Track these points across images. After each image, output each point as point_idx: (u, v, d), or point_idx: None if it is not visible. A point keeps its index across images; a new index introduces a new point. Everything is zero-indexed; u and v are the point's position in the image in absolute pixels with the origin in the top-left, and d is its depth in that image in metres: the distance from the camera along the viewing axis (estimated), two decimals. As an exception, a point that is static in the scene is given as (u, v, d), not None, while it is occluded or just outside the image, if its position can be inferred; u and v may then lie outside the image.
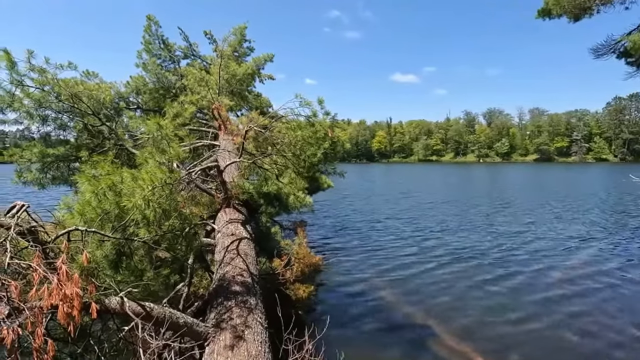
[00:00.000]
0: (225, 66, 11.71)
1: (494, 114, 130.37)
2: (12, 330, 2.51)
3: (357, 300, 8.74)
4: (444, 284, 9.97)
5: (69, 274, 2.80)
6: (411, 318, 7.83)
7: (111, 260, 3.66)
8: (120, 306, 3.29)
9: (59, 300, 2.71)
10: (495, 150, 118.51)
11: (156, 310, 3.46)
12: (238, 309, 4.07)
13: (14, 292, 2.70)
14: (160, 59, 11.90)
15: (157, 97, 11.35)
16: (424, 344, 6.73)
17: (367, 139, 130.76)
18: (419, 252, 13.00)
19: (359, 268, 11.22)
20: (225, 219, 6.29)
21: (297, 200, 7.21)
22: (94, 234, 3.57)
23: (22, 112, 5.78)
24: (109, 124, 6.94)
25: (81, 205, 3.61)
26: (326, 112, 5.74)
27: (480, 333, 7.23)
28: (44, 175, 7.06)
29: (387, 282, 9.96)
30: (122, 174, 3.45)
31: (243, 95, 13.07)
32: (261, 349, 3.68)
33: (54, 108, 6.10)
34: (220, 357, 3.44)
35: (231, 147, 8.32)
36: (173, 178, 3.73)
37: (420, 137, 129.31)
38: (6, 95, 5.58)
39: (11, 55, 5.14)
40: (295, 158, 5.89)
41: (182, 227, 4.28)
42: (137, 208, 3.28)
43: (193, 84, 10.74)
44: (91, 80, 7.67)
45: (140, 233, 3.53)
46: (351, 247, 13.78)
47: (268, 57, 14.28)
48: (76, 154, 6.88)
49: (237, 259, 5.15)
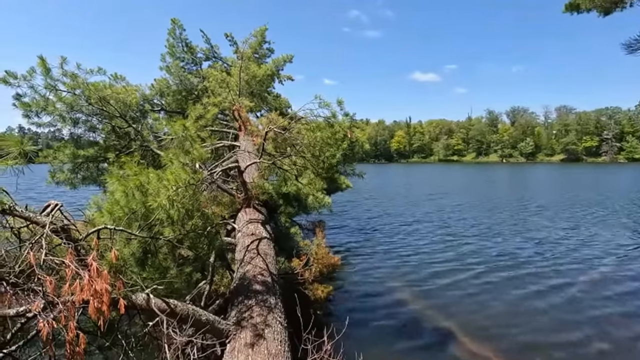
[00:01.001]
0: (245, 68, 11.88)
1: (518, 112, 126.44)
2: (47, 323, 2.65)
3: (378, 304, 8.57)
4: (478, 293, 9.12)
5: (99, 270, 2.92)
6: (436, 325, 7.48)
7: (138, 257, 3.80)
8: (146, 302, 3.41)
9: (90, 295, 2.83)
10: (520, 150, 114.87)
11: (180, 307, 3.56)
12: (258, 307, 4.13)
13: (49, 287, 2.84)
14: (183, 62, 12.22)
15: (180, 99, 11.65)
16: (449, 353, 6.55)
17: (386, 139, 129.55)
18: (452, 259, 12.00)
19: (380, 271, 10.91)
20: (245, 218, 6.40)
21: (316, 201, 7.26)
22: (121, 233, 3.72)
23: (56, 115, 6.08)
24: (135, 126, 7.20)
25: (110, 205, 3.76)
26: (345, 113, 5.74)
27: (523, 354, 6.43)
28: (75, 175, 7.40)
29: (411, 288, 9.59)
30: (148, 174, 3.57)
31: (263, 96, 13.23)
32: (281, 347, 3.72)
33: (85, 111, 6.39)
34: (241, 354, 3.50)
35: (251, 148, 8.44)
36: (196, 179, 3.83)
37: (440, 137, 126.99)
38: (41, 100, 5.89)
39: (46, 61, 5.42)
40: (314, 159, 5.92)
41: (204, 226, 4.38)
42: (162, 208, 3.40)
43: (214, 86, 10.96)
44: (118, 84, 7.97)
45: (165, 232, 3.64)
46: (372, 249, 13.44)
47: (287, 58, 14.39)
48: (104, 155, 7.18)
49: (257, 259, 5.23)
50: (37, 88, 5.73)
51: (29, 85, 5.70)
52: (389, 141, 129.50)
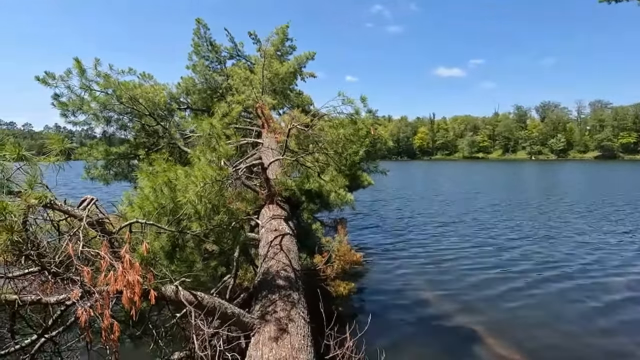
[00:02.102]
0: (268, 65, 12.01)
1: (548, 107, 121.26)
2: (85, 310, 2.80)
3: (402, 303, 8.36)
4: (515, 300, 8.32)
5: (131, 262, 3.06)
6: (463, 328, 7.16)
7: (167, 251, 3.94)
8: (175, 294, 3.53)
9: (123, 286, 2.96)
10: (550, 147, 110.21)
11: (206, 299, 3.67)
12: (282, 302, 4.19)
13: (86, 276, 2.99)
14: (208, 61, 12.49)
15: (205, 97, 11.93)
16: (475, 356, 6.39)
17: (409, 136, 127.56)
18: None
19: (407, 271, 10.54)
20: (268, 214, 6.50)
21: (338, 198, 7.26)
22: (151, 227, 3.86)
23: (90, 114, 6.40)
24: (163, 124, 7.45)
25: (140, 200, 3.92)
26: (369, 109, 5.71)
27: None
28: (107, 171, 7.76)
29: (438, 289, 9.15)
30: (176, 170, 3.69)
31: (285, 94, 13.33)
32: (304, 342, 3.76)
33: (116, 110, 6.68)
34: (265, 347, 3.57)
35: (274, 145, 8.55)
36: (222, 175, 3.92)
37: (465, 134, 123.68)
38: (77, 99, 6.21)
39: (81, 63, 5.70)
40: (337, 156, 5.92)
41: (229, 221, 4.49)
42: (190, 203, 3.50)
43: (238, 84, 11.14)
44: (147, 83, 8.26)
45: (193, 226, 3.76)
46: (400, 249, 12.96)
47: (310, 55, 14.41)
48: (135, 152, 7.47)
49: (280, 254, 5.30)
50: (73, 88, 6.06)
51: (66, 85, 6.04)
52: (412, 138, 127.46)
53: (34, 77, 5.80)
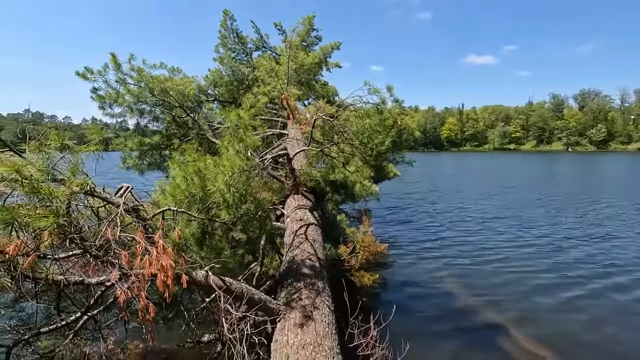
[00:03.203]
0: (293, 56, 12.01)
1: (588, 95, 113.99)
2: (123, 291, 2.97)
3: (427, 296, 8.25)
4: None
5: (164, 247, 3.20)
6: (492, 324, 7.01)
7: (197, 238, 4.09)
8: (205, 279, 3.67)
9: (157, 269, 3.11)
10: (589, 138, 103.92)
11: (235, 285, 3.79)
12: (307, 290, 4.26)
13: (124, 260, 3.17)
14: (234, 52, 12.65)
15: (232, 89, 12.14)
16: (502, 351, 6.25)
17: (436, 127, 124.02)
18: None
19: (434, 265, 10.23)
20: (294, 204, 6.58)
21: (363, 189, 7.23)
22: (183, 214, 4.02)
23: (125, 106, 6.70)
24: (192, 115, 7.68)
25: (172, 188, 4.08)
26: (395, 99, 5.60)
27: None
28: (141, 161, 8.13)
29: (467, 285, 8.88)
30: (205, 160, 3.80)
31: (310, 85, 13.31)
32: (328, 330, 3.82)
33: (149, 102, 6.96)
34: (291, 333, 3.66)
35: (299, 136, 8.59)
36: (249, 165, 4.00)
37: (496, 124, 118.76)
38: (113, 93, 6.51)
39: (117, 57, 5.96)
40: (362, 146, 5.88)
41: (256, 210, 4.59)
42: (219, 191, 3.61)
43: (264, 75, 11.24)
44: (176, 76, 8.50)
45: (221, 214, 3.87)
46: (425, 242, 12.64)
47: (335, 45, 14.27)
48: (166, 142, 7.77)
49: (305, 244, 5.37)
50: (109, 82, 6.36)
51: (103, 79, 6.36)
52: (440, 129, 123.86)
53: (74, 73, 6.19)
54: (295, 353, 3.45)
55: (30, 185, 2.31)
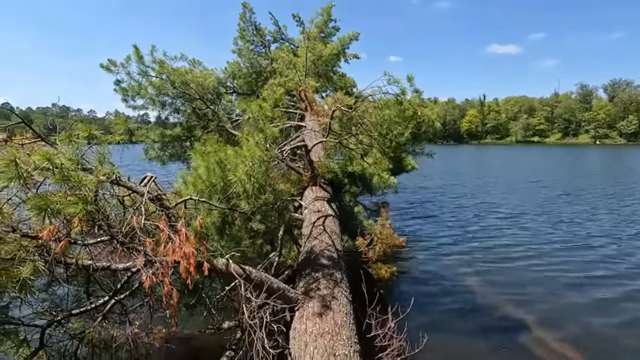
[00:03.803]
0: (311, 48, 11.94)
1: (618, 86, 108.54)
2: (148, 277, 3.08)
3: (446, 290, 8.09)
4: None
5: (187, 235, 3.28)
6: (512, 319, 6.88)
7: (217, 227, 4.18)
8: (225, 267, 3.75)
9: (180, 257, 3.20)
10: (618, 130, 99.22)
11: (254, 273, 3.86)
12: (325, 280, 4.30)
13: (149, 246, 3.27)
14: (253, 45, 12.69)
15: (250, 82, 12.21)
16: (521, 346, 6.14)
17: (456, 119, 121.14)
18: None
19: (453, 259, 10.07)
20: (311, 196, 6.60)
21: (381, 181, 7.18)
22: (204, 203, 4.10)
23: (147, 98, 6.86)
24: (212, 107, 7.79)
25: (194, 178, 4.17)
26: (415, 89, 5.50)
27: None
28: (163, 152, 8.34)
29: (488, 280, 8.70)
30: (226, 151, 3.86)
31: (328, 76, 13.23)
32: (346, 320, 3.85)
33: (170, 94, 7.10)
34: (309, 322, 3.70)
35: (317, 128, 8.58)
36: (268, 155, 4.03)
37: (519, 116, 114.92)
38: (135, 85, 6.68)
39: (139, 50, 6.10)
40: (381, 138, 5.82)
41: (274, 201, 4.64)
42: (240, 182, 3.66)
43: (282, 67, 11.24)
44: (196, 68, 8.62)
45: (241, 204, 3.93)
46: (445, 236, 12.38)
47: (353, 35, 14.10)
48: (187, 134, 7.93)
49: (323, 235, 5.39)
50: (132, 74, 6.53)
51: (126, 72, 6.53)
52: (460, 121, 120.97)
53: (98, 65, 6.40)
54: (313, 341, 3.49)
55: (61, 173, 2.41)
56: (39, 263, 2.69)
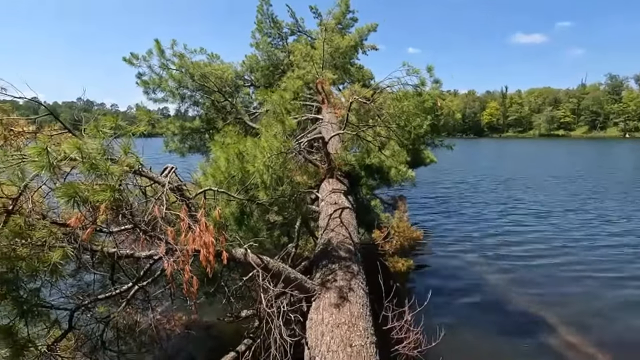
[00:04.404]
0: (329, 40, 11.84)
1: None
2: (170, 264, 3.16)
3: (465, 285, 7.96)
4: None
5: (207, 225, 3.35)
6: (529, 314, 6.80)
7: (236, 217, 4.24)
8: (244, 257, 3.81)
9: (200, 245, 3.27)
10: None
11: (272, 263, 3.91)
12: (342, 272, 4.31)
13: (170, 235, 3.36)
14: (270, 37, 12.70)
15: (267, 74, 12.25)
16: (541, 341, 6.01)
17: (476, 112, 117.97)
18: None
19: (473, 255, 9.83)
20: (328, 188, 6.60)
21: (398, 174, 7.11)
22: (223, 194, 4.17)
23: (167, 91, 7.00)
24: (231, 100, 7.87)
25: (213, 170, 4.24)
26: (435, 80, 5.38)
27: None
28: (183, 144, 8.52)
29: (508, 275, 8.53)
30: (245, 142, 3.89)
31: (345, 68, 13.12)
32: (363, 311, 3.86)
33: (190, 87, 7.22)
34: (326, 312, 3.73)
35: (334, 120, 8.54)
36: (286, 147, 4.05)
37: (543, 108, 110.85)
38: (156, 78, 6.82)
39: (160, 44, 6.21)
40: (399, 129, 5.74)
41: (292, 192, 4.66)
42: (258, 172, 3.69)
43: (299, 60, 11.21)
44: (215, 62, 8.71)
45: (260, 195, 3.98)
46: (465, 230, 12.12)
47: (372, 27, 13.90)
48: (206, 126, 8.06)
49: (339, 227, 5.39)
50: (153, 67, 6.69)
51: (147, 65, 6.70)
52: (480, 114, 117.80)
53: (121, 58, 6.58)
54: (330, 331, 3.52)
55: (89, 162, 2.50)
56: (67, 249, 2.80)
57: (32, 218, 2.85)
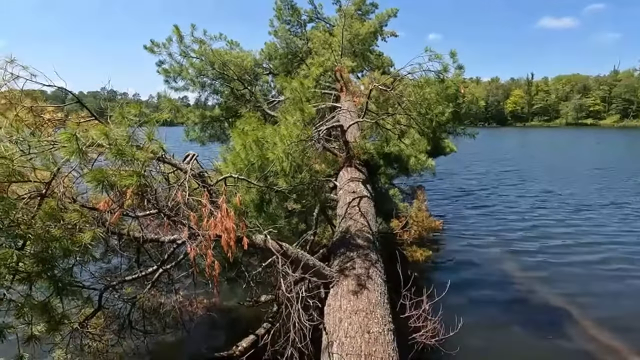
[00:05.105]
0: (348, 26, 11.65)
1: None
2: (193, 248, 3.25)
3: (484, 279, 7.69)
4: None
5: (227, 211, 3.41)
6: (552, 307, 6.57)
7: (256, 204, 4.29)
8: (263, 243, 3.88)
9: (221, 231, 3.33)
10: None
11: (291, 250, 3.96)
12: (360, 260, 4.33)
13: (192, 220, 3.45)
14: (289, 25, 12.59)
15: (286, 62, 12.19)
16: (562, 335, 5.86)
17: (500, 100, 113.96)
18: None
19: (495, 248, 9.55)
20: (347, 177, 6.59)
21: (418, 163, 7.00)
22: (243, 181, 4.23)
23: (188, 79, 7.09)
24: (250, 88, 7.90)
25: (233, 157, 4.29)
26: (459, 65, 5.22)
27: None
28: (203, 133, 8.65)
29: (530, 270, 8.23)
30: (265, 129, 3.91)
31: (365, 55, 12.91)
32: (380, 299, 3.87)
33: (209, 75, 7.28)
34: (344, 299, 3.77)
35: (353, 109, 8.45)
36: (305, 135, 4.04)
37: (571, 96, 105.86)
38: (177, 66, 6.91)
39: (180, 30, 6.27)
40: (420, 117, 5.62)
41: (310, 180, 4.68)
42: (278, 160, 3.72)
43: (318, 47, 11.10)
44: (234, 50, 8.73)
45: (279, 182, 4.01)
46: (487, 223, 11.67)
47: (392, 12, 13.57)
48: (226, 115, 8.14)
49: (358, 215, 5.39)
50: (173, 55, 6.77)
51: (167, 52, 6.79)
52: (503, 102, 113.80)
53: (142, 47, 6.70)
54: (348, 317, 3.56)
55: (116, 147, 2.57)
56: (97, 231, 2.92)
57: (63, 201, 2.97)
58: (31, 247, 2.77)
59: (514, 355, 5.50)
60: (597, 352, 5.48)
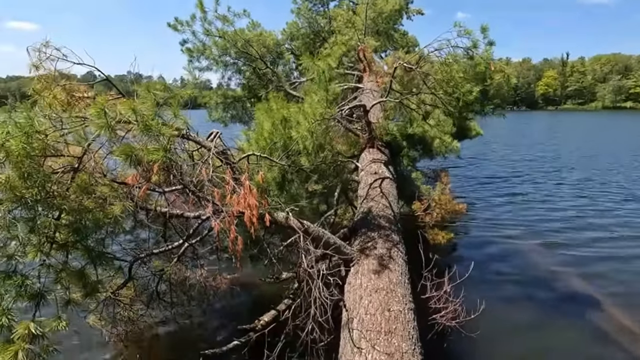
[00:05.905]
0: (372, 4, 11.28)
1: None
2: (217, 224, 3.33)
3: (509, 263, 7.54)
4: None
5: (250, 188, 3.45)
6: (578, 292, 6.40)
7: (278, 182, 4.33)
8: (285, 220, 3.92)
9: (244, 207, 3.38)
10: None
11: (312, 228, 3.99)
12: (381, 240, 4.31)
13: (216, 196, 3.51)
14: (311, 3, 12.32)
15: (308, 42, 12.00)
16: (586, 320, 5.70)
17: (530, 82, 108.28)
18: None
19: (520, 231, 9.26)
20: (368, 158, 6.51)
21: (442, 145, 6.82)
22: (265, 160, 4.26)
23: (211, 59, 7.12)
24: (272, 67, 7.86)
25: (256, 136, 4.31)
26: (489, 41, 4.95)
27: None
28: (226, 114, 8.74)
29: (558, 254, 7.97)
30: (289, 108, 3.89)
31: (389, 34, 12.51)
32: (402, 279, 3.87)
33: (233, 55, 7.28)
34: (364, 277, 3.78)
35: (376, 89, 8.27)
36: (329, 114, 3.99)
37: (610, 77, 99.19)
38: (200, 45, 6.94)
39: (203, 4, 6.26)
40: (446, 96, 5.42)
41: (333, 159, 4.65)
42: (301, 139, 3.70)
43: (341, 26, 10.84)
44: (256, 30, 8.66)
45: (302, 160, 4.01)
46: (520, 212, 11.09)
47: (419, -13, 12.97)
48: (248, 95, 8.17)
49: (379, 196, 5.34)
50: (197, 34, 6.80)
51: (191, 30, 6.82)
52: (534, 84, 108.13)
53: (166, 24, 6.77)
54: (368, 295, 3.58)
55: (143, 123, 2.63)
56: (127, 204, 3.04)
57: (95, 175, 3.09)
58: (66, 218, 2.91)
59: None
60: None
